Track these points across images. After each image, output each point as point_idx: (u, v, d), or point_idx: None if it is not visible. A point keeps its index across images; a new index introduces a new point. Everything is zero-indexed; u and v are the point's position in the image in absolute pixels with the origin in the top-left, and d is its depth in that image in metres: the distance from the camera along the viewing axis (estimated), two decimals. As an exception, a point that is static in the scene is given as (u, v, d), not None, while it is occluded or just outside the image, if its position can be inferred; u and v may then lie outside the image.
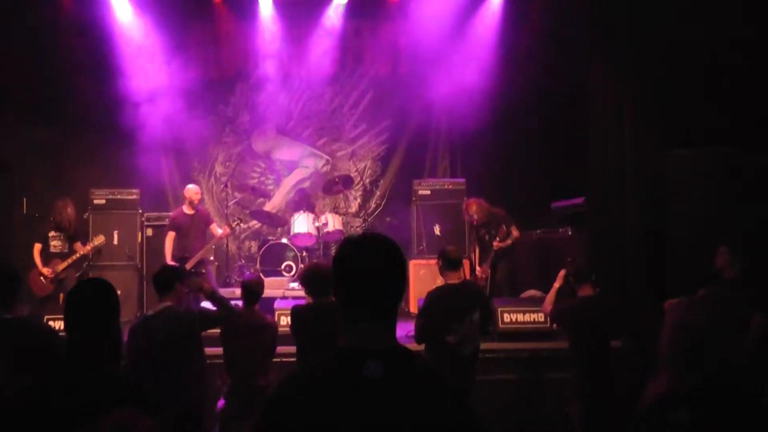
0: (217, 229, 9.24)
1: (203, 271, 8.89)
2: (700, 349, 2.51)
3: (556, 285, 6.45)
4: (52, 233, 8.79)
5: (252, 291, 5.86)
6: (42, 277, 8.60)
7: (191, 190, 9.19)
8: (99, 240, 9.08)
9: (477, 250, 8.95)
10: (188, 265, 8.66)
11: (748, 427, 2.37)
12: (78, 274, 8.91)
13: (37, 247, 8.73)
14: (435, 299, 5.81)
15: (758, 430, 2.39)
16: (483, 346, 7.53)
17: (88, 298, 2.86)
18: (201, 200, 9.54)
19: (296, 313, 5.53)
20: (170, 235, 9.07)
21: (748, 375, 2.56)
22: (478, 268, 8.85)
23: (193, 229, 9.06)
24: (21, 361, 3.57)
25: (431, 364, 2.18)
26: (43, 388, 2.61)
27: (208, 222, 9.28)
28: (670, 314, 2.64)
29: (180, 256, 8.84)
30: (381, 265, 2.05)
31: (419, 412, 1.97)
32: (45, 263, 8.65)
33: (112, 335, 2.88)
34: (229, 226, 9.48)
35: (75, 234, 8.93)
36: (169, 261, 8.77)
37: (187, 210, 9.12)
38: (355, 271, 2.05)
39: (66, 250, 8.77)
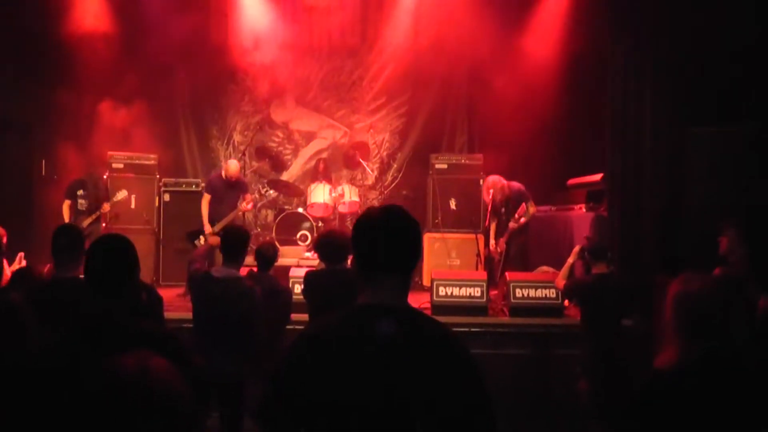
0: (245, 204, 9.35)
1: None
2: (705, 320, 2.52)
3: (570, 261, 6.46)
4: (80, 192, 8.96)
5: (264, 255, 5.91)
6: None
7: (232, 166, 9.25)
8: (121, 194, 9.20)
9: (493, 225, 8.94)
10: (215, 229, 8.79)
11: (753, 398, 2.38)
12: (102, 230, 9.07)
13: (66, 203, 8.94)
14: None
15: (762, 402, 2.41)
16: (494, 320, 7.65)
17: (108, 249, 2.89)
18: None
19: (309, 278, 5.57)
20: (205, 197, 9.25)
21: (754, 350, 2.57)
22: (492, 242, 8.87)
23: (226, 196, 9.22)
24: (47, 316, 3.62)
25: (442, 324, 2.26)
26: (68, 342, 2.65)
27: (244, 191, 9.38)
28: (674, 286, 2.64)
29: (210, 219, 9.05)
30: (399, 231, 2.20)
31: (429, 368, 2.05)
32: (74, 220, 8.83)
33: (134, 288, 2.91)
34: (258, 192, 9.56)
35: (99, 193, 9.09)
36: (205, 222, 9.03)
37: (224, 175, 9.24)
38: (375, 236, 2.20)
39: (92, 208, 8.93)
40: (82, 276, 3.65)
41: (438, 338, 2.15)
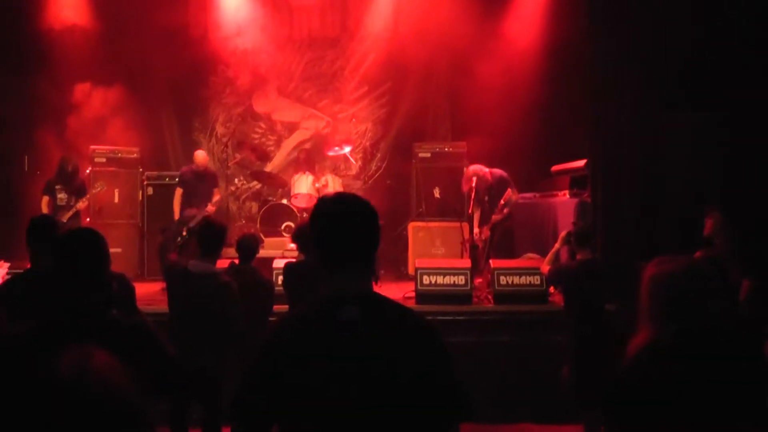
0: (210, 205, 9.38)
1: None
2: (676, 298, 2.51)
3: (556, 246, 6.47)
4: (58, 186, 8.95)
5: (246, 247, 5.89)
6: None
7: (199, 156, 9.41)
8: (99, 186, 9.18)
9: (477, 213, 8.93)
10: (191, 224, 8.74)
11: (732, 378, 2.38)
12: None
13: (45, 199, 8.94)
14: None
15: (744, 382, 2.41)
16: (479, 308, 7.65)
17: (77, 241, 2.89)
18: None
19: (288, 269, 5.56)
20: (178, 192, 9.33)
21: (733, 330, 2.56)
22: (476, 229, 8.86)
23: (198, 188, 9.28)
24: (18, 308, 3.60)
25: (407, 308, 2.31)
26: (35, 332, 2.62)
27: (214, 184, 9.45)
28: (649, 269, 2.63)
29: (186, 214, 9.02)
30: (354, 219, 2.21)
31: (393, 350, 2.09)
32: (54, 216, 8.78)
33: (104, 279, 2.90)
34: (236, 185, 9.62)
35: (79, 188, 9.07)
36: (177, 216, 9.07)
37: (194, 168, 9.33)
38: (331, 226, 2.21)
39: (72, 203, 8.91)
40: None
41: (401, 322, 2.19)
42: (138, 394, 1.39)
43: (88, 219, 9.51)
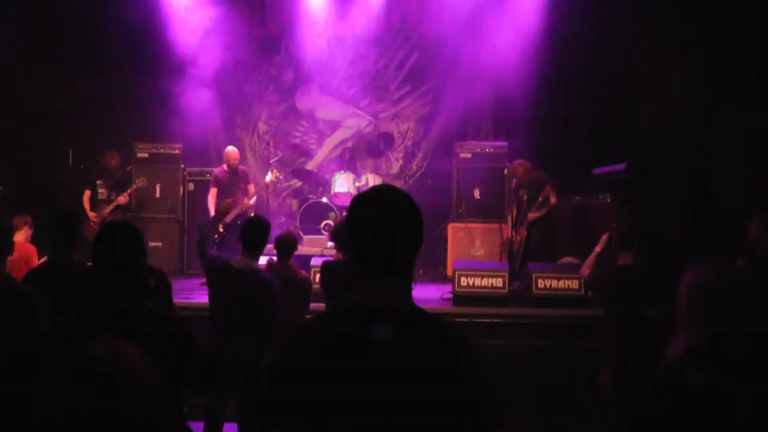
0: (253, 188, 9.55)
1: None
2: (715, 305, 2.46)
3: (598, 249, 6.37)
4: (99, 181, 9.21)
5: (283, 245, 5.90)
6: (91, 222, 9.00)
7: (230, 153, 9.51)
8: (140, 182, 9.35)
9: (514, 212, 8.86)
10: (227, 219, 8.85)
11: (763, 388, 2.32)
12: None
13: (87, 193, 9.20)
14: None
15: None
16: (516, 311, 7.58)
17: (114, 235, 2.93)
18: (240, 161, 9.79)
19: (326, 267, 5.56)
20: (212, 191, 9.46)
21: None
22: (511, 231, 8.80)
23: (233, 186, 9.37)
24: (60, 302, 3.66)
25: (445, 323, 2.06)
26: (72, 324, 2.69)
27: (246, 180, 9.56)
28: (687, 275, 2.58)
29: (220, 211, 9.06)
30: (389, 219, 1.95)
31: (426, 369, 1.90)
32: (93, 209, 9.10)
33: (139, 273, 2.93)
34: (272, 175, 9.71)
35: (120, 183, 9.33)
36: (212, 213, 9.16)
37: (226, 167, 9.45)
38: (364, 228, 1.97)
39: (112, 198, 9.17)
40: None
41: (435, 336, 1.97)
42: (163, 384, 1.44)
43: (129, 213, 9.64)
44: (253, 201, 9.52)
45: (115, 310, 2.74)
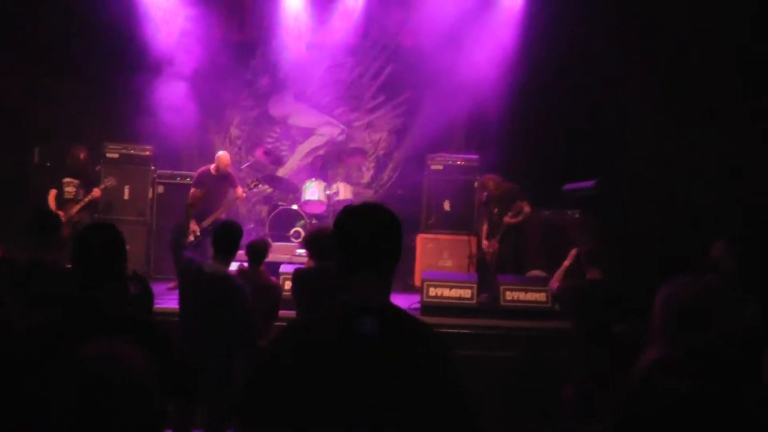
0: (239, 190, 9.43)
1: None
2: (689, 318, 2.52)
3: (566, 263, 6.46)
4: (66, 179, 9.01)
5: (254, 251, 5.89)
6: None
7: (223, 158, 9.30)
8: (109, 181, 9.22)
9: (485, 225, 8.93)
10: (205, 223, 8.77)
11: (739, 393, 2.39)
12: (91, 219, 9.06)
13: (52, 192, 8.97)
14: None
15: (748, 398, 2.42)
16: (484, 322, 7.64)
17: (96, 237, 2.90)
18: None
19: (297, 275, 5.55)
20: (192, 191, 9.15)
21: (738, 351, 2.58)
22: (485, 242, 8.86)
23: (216, 189, 9.20)
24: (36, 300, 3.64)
25: (424, 323, 2.26)
26: (53, 325, 2.68)
27: (233, 185, 9.42)
28: (662, 289, 2.65)
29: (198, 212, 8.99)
30: (378, 229, 2.19)
31: (410, 368, 2.05)
32: (59, 208, 8.82)
33: (120, 276, 2.92)
34: (248, 186, 9.60)
35: (88, 180, 9.14)
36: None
37: (213, 171, 9.26)
38: (355, 235, 2.18)
39: (80, 196, 8.97)
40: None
41: (419, 337, 2.14)
42: (157, 383, 1.45)
43: (96, 214, 9.52)
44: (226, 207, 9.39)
45: (96, 312, 2.72)
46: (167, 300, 7.54)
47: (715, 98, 7.25)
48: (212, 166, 9.26)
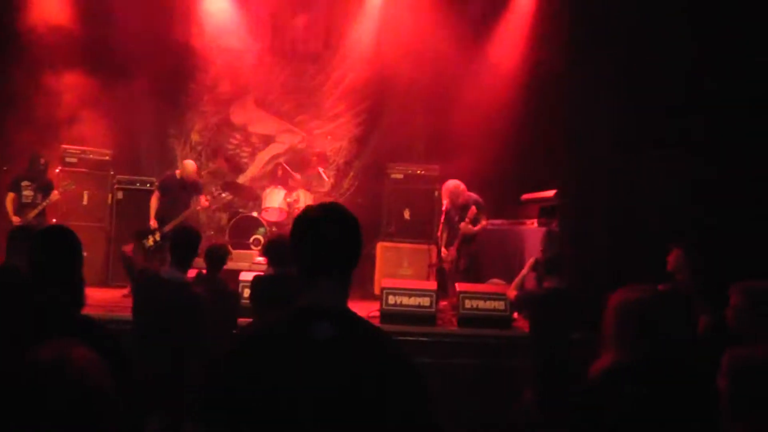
0: (202, 199, 9.39)
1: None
2: (644, 324, 2.56)
3: (524, 272, 6.53)
4: (24, 183, 8.88)
5: (214, 257, 5.85)
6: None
7: (189, 167, 9.32)
8: (68, 185, 9.11)
9: (446, 233, 8.98)
10: (166, 229, 8.72)
11: (692, 399, 2.43)
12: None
13: (10, 196, 8.87)
14: None
15: (702, 404, 2.46)
16: (442, 330, 7.67)
17: (52, 240, 2.86)
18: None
19: (256, 282, 5.53)
20: (156, 195, 9.22)
21: (692, 362, 2.62)
22: (444, 250, 8.90)
23: (180, 196, 9.19)
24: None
25: (378, 328, 2.22)
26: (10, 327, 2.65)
27: (198, 191, 9.38)
28: (615, 296, 2.69)
29: (160, 217, 8.97)
30: (337, 232, 2.13)
31: (364, 371, 2.01)
32: (17, 213, 8.75)
33: (76, 279, 2.88)
34: (211, 195, 9.59)
35: (47, 184, 9.01)
36: (152, 220, 8.98)
37: (178, 176, 9.25)
38: (313, 235, 2.13)
39: (38, 201, 8.85)
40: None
41: (375, 342, 2.10)
42: (113, 386, 1.43)
43: (54, 219, 9.37)
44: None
45: (48, 315, 2.69)
46: (123, 309, 7.42)
47: (663, 118, 7.41)
48: (177, 171, 9.23)
